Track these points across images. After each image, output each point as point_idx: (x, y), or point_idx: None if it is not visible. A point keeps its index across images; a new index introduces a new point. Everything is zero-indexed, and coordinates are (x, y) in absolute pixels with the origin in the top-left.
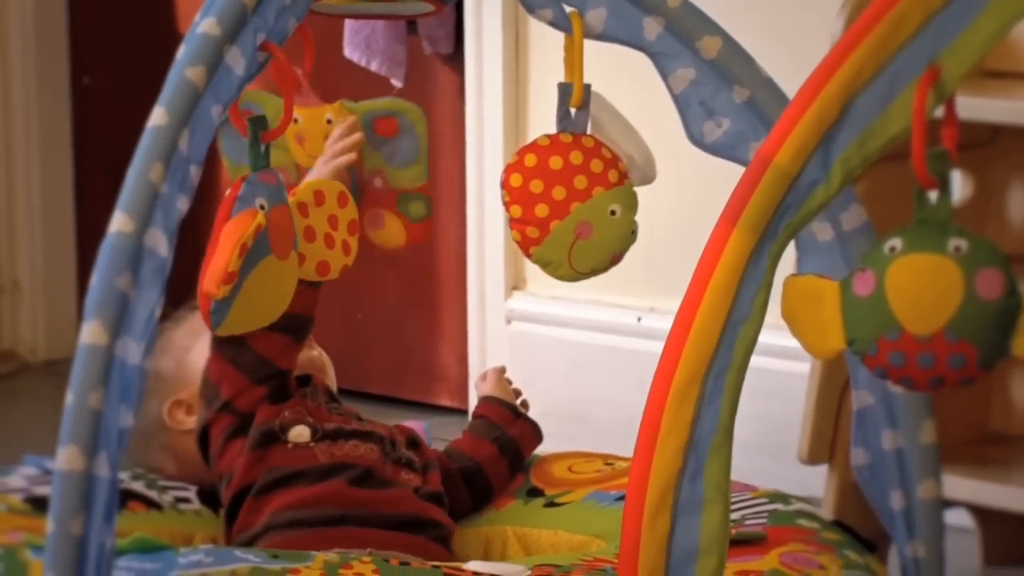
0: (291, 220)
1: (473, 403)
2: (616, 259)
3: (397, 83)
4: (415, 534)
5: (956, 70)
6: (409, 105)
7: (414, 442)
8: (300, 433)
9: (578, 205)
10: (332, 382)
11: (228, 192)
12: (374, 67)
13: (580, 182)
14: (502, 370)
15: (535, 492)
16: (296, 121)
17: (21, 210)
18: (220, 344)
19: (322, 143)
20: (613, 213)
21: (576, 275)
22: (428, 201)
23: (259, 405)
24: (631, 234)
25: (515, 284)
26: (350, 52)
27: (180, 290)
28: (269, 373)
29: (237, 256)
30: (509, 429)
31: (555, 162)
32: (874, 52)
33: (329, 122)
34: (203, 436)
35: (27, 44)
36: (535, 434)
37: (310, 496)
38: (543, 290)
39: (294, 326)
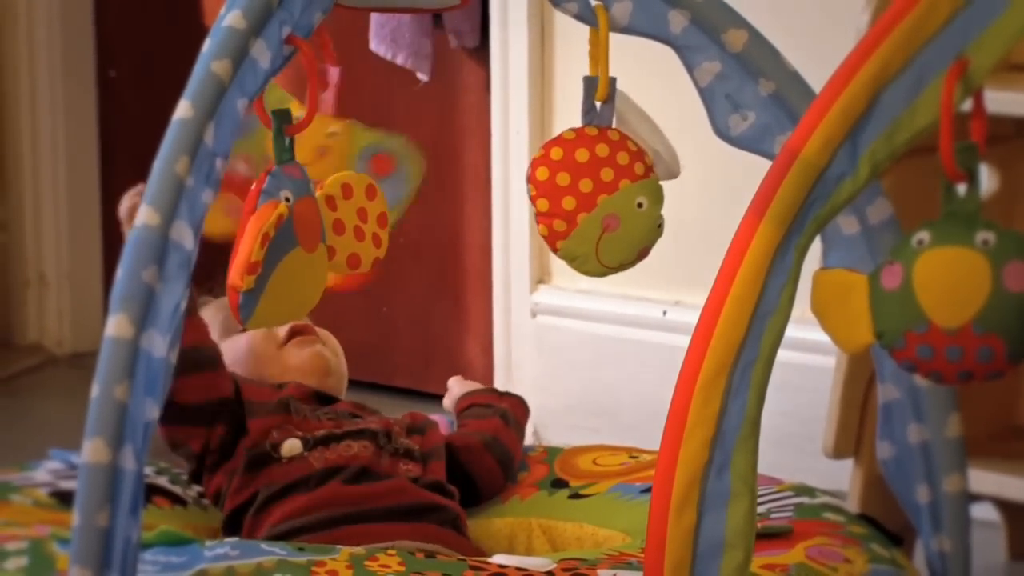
0: (318, 213)
1: None
2: (643, 254)
3: (423, 77)
4: (420, 521)
5: (984, 64)
6: (415, 155)
7: (418, 429)
8: (292, 446)
9: (605, 197)
10: (341, 378)
11: (253, 186)
12: (400, 61)
13: (607, 174)
14: (460, 377)
15: (560, 483)
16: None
17: (47, 203)
18: (161, 419)
19: (312, 153)
20: (640, 206)
21: (603, 270)
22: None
23: (231, 435)
24: (658, 228)
25: (540, 278)
26: (376, 46)
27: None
28: (214, 411)
29: (259, 246)
30: (500, 404)
31: (581, 155)
32: (902, 45)
33: (332, 134)
34: (195, 479)
35: (53, 37)
36: (523, 405)
37: (307, 503)
38: (568, 283)
39: (200, 360)
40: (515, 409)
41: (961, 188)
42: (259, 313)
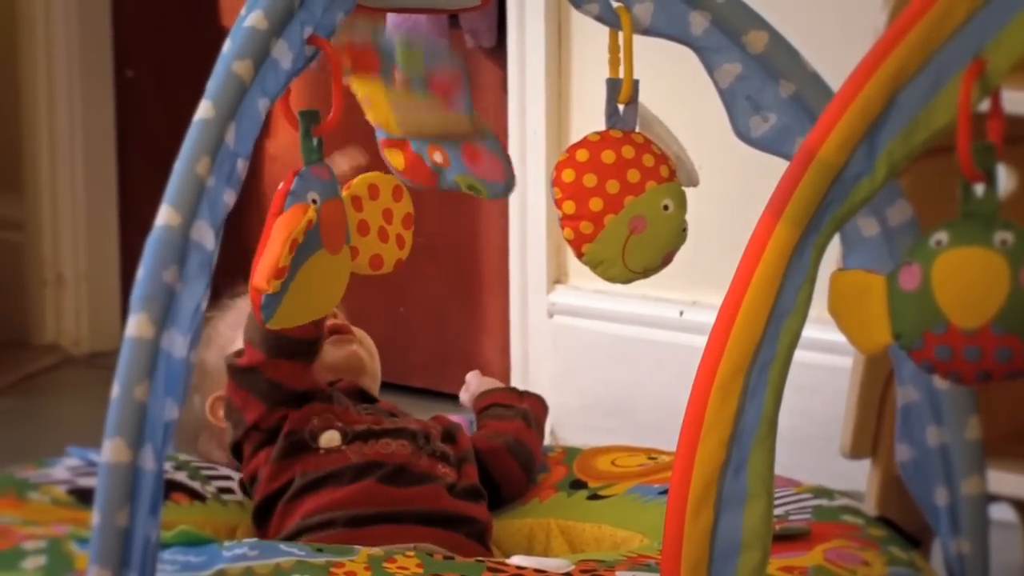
0: (344, 215)
1: None
2: (668, 259)
3: None
4: (449, 530)
5: (1001, 64)
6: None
7: (450, 435)
8: (331, 438)
9: (632, 199)
10: (375, 378)
11: (280, 186)
12: None
13: (633, 176)
14: (478, 372)
15: (578, 484)
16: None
17: (65, 203)
18: (235, 373)
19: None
20: (666, 208)
21: (629, 275)
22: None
23: (282, 423)
24: (682, 232)
25: (557, 278)
26: None
27: (225, 283)
28: (284, 397)
29: (287, 252)
30: (520, 404)
31: (607, 156)
32: (919, 46)
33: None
34: (235, 449)
35: (71, 38)
36: (542, 403)
37: (341, 497)
38: (585, 284)
39: (300, 351)
40: (535, 409)
41: (979, 188)
42: (281, 313)
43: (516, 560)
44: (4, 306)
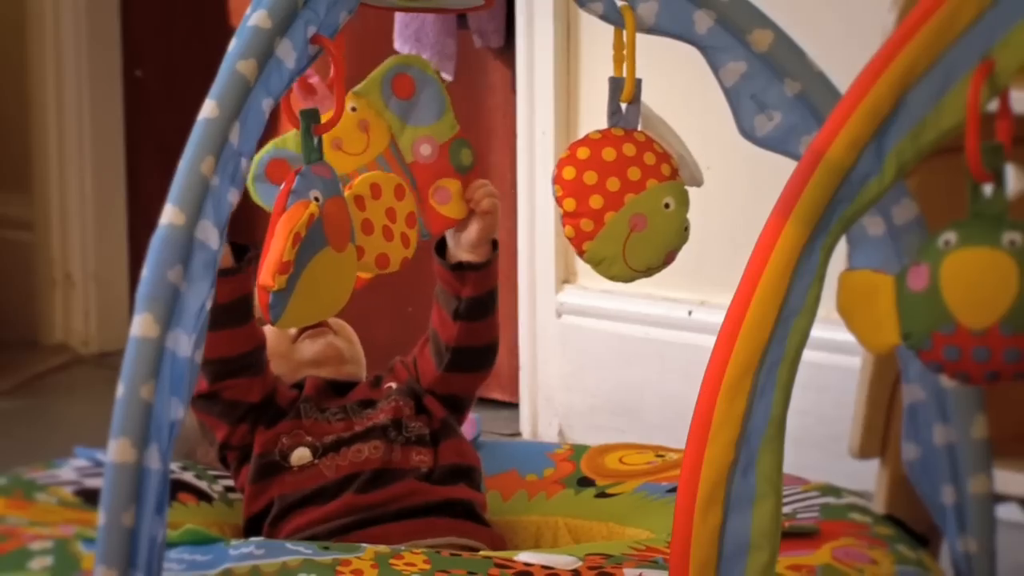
0: (347, 212)
1: (525, 398)
2: (670, 258)
3: (447, 76)
4: (433, 517)
5: (1010, 64)
6: (412, 56)
7: (421, 404)
8: (302, 456)
9: (632, 197)
10: (358, 363)
11: (283, 186)
12: None
13: (634, 173)
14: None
15: (586, 482)
16: (353, 110)
17: (73, 203)
18: (193, 401)
19: (358, 136)
20: (667, 206)
21: (630, 273)
22: (470, 144)
23: (252, 437)
24: (684, 231)
25: (566, 278)
26: (400, 45)
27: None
28: (243, 413)
29: (291, 246)
30: (462, 292)
31: (608, 154)
32: (928, 46)
33: (354, 110)
34: (223, 461)
35: (80, 38)
36: (486, 268)
37: (323, 515)
38: (593, 284)
39: (248, 364)
40: (475, 282)
41: (988, 189)
42: (289, 312)
43: (523, 556)
44: (13, 306)
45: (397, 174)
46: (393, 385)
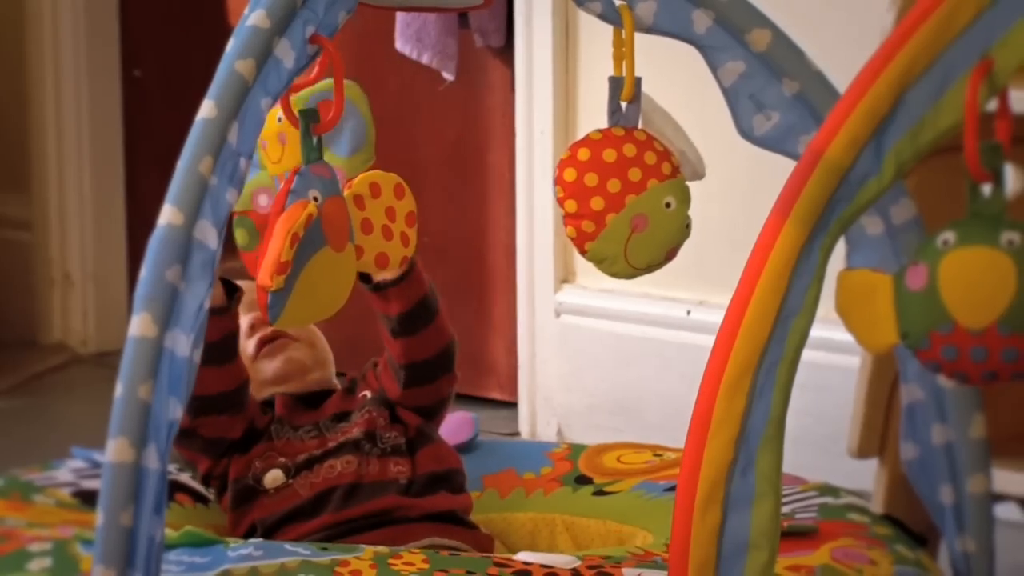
0: (346, 212)
1: (523, 397)
2: (671, 255)
3: (448, 76)
4: (416, 523)
5: (1009, 63)
6: (347, 83)
7: (395, 414)
8: (275, 477)
9: (633, 197)
10: (324, 365)
11: (281, 186)
12: (425, 60)
13: (634, 174)
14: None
15: (584, 480)
16: (279, 120)
17: (72, 203)
18: (175, 440)
19: (276, 145)
20: (668, 205)
21: (632, 271)
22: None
23: (230, 465)
24: (685, 228)
25: (564, 277)
26: (401, 45)
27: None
28: (223, 448)
29: (289, 246)
30: (390, 310)
31: (608, 155)
32: (926, 45)
33: (280, 120)
34: (206, 486)
35: (79, 37)
36: (403, 282)
37: (304, 533)
38: (592, 283)
39: (231, 402)
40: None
41: (986, 188)
42: (288, 312)
43: (522, 556)
44: (12, 306)
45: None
46: (368, 394)
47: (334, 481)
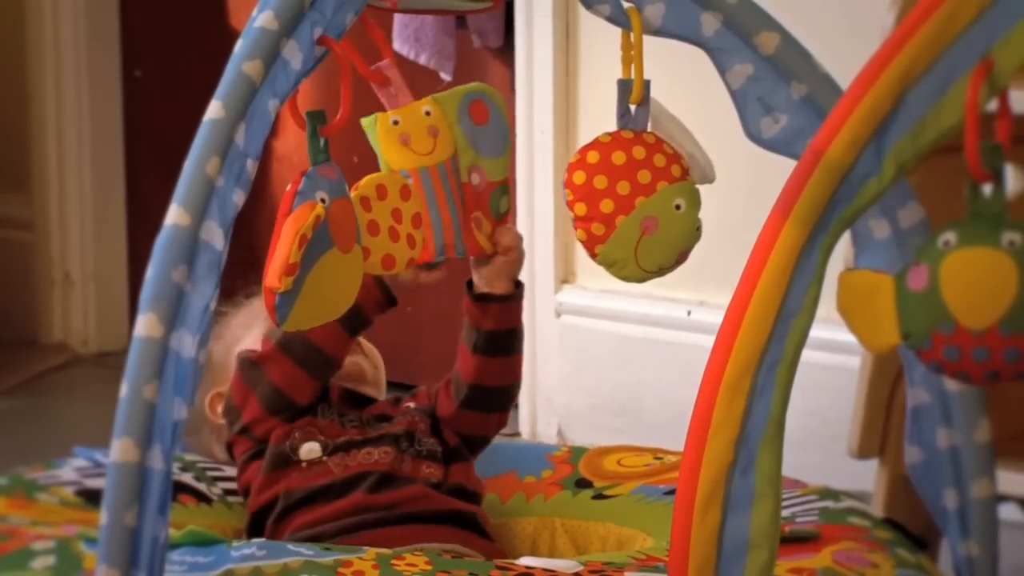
0: (353, 213)
1: (524, 397)
2: (682, 258)
3: (446, 76)
4: (436, 524)
5: (1009, 63)
6: (491, 88)
7: (437, 426)
8: (311, 450)
9: (643, 200)
10: (378, 387)
11: (289, 187)
12: (423, 60)
13: (644, 176)
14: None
15: (584, 483)
16: (396, 123)
17: (72, 203)
18: (244, 367)
19: (427, 138)
20: (678, 208)
21: (642, 274)
22: (509, 192)
23: (272, 431)
24: (696, 231)
25: (565, 277)
26: (399, 45)
27: (240, 282)
28: (283, 406)
29: (297, 247)
30: (483, 324)
31: (618, 157)
32: (927, 45)
33: (428, 114)
34: (229, 449)
35: (79, 37)
36: (507, 301)
37: (330, 513)
38: (593, 283)
39: (316, 365)
40: (497, 315)
41: (987, 189)
42: (295, 314)
43: (525, 560)
44: (12, 306)
45: (452, 187)
46: (412, 404)
47: (369, 467)
